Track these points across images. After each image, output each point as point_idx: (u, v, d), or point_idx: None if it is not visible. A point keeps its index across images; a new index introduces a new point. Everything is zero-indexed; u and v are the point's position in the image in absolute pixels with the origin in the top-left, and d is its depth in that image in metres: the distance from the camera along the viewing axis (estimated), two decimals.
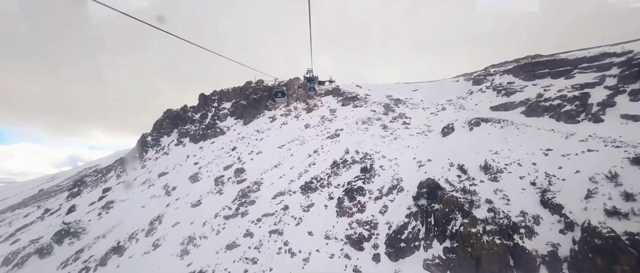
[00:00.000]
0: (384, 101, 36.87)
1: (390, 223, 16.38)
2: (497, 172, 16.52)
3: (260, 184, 23.67)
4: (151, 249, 18.58)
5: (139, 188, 28.87)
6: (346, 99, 39.25)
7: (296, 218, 18.72)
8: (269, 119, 40.04)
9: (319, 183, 21.91)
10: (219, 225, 19.70)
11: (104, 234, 21.10)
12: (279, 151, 29.53)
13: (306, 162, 25.68)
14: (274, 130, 36.18)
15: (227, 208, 21.33)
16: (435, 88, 39.45)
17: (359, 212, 18.24)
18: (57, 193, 45.86)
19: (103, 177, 39.89)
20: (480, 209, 13.83)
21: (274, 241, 17.03)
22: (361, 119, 32.31)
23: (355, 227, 16.96)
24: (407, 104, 35.12)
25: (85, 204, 29.21)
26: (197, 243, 18.35)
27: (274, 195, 21.55)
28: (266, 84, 49.05)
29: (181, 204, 23.34)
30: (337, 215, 18.52)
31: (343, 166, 23.34)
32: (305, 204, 19.99)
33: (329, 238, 16.70)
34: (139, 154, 40.93)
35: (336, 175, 22.41)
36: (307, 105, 39.61)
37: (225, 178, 26.27)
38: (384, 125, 29.83)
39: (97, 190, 32.95)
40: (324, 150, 27.25)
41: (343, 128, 31.17)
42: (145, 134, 44.54)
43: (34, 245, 21.46)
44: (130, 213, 23.28)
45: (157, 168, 34.05)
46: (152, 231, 20.22)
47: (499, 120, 22.80)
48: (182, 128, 44.13)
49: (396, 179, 20.08)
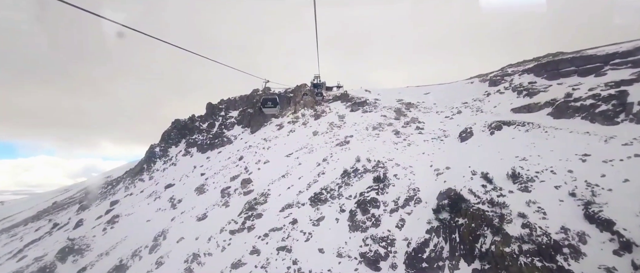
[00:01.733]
0: (394, 105, 35.43)
1: (409, 240, 14.90)
2: (528, 181, 14.84)
3: (267, 196, 22.55)
4: (154, 268, 17.62)
5: (145, 201, 28.26)
6: (355, 104, 38.01)
7: (305, 233, 17.44)
8: (276, 126, 39.15)
9: (329, 195, 20.62)
10: (224, 240, 18.62)
11: (108, 251, 20.36)
12: (286, 160, 28.44)
13: (315, 172, 24.46)
14: (281, 138, 35.20)
15: (233, 222, 20.26)
16: (448, 90, 37.74)
17: (373, 226, 16.82)
18: (70, 206, 46.06)
19: (112, 189, 39.72)
20: (513, 225, 12.22)
21: (282, 259, 15.78)
22: (371, 125, 30.97)
23: (370, 244, 15.54)
24: (420, 108, 33.57)
25: (93, 218, 28.78)
26: (202, 261, 17.29)
27: (282, 207, 20.37)
28: (273, 91, 48.44)
29: (186, 218, 22.44)
30: (349, 229, 17.15)
31: (354, 175, 22.00)
32: (314, 217, 18.72)
33: (341, 257, 15.33)
34: (147, 165, 40.67)
35: (347, 186, 21.08)
36: (314, 111, 38.58)
37: (231, 190, 25.31)
38: (396, 131, 28.39)
39: (106, 203, 32.61)
40: (333, 159, 26.00)
41: (353, 134, 29.89)
42: (153, 145, 44.37)
43: (38, 264, 20.92)
44: (135, 228, 22.54)
45: (165, 179, 33.50)
46: (156, 248, 19.33)
47: (523, 123, 21.05)
48: (190, 138, 43.74)
49: (412, 189, 18.61)
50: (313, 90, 42.41)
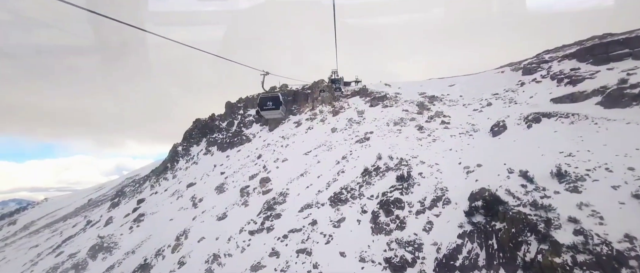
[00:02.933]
0: (416, 99, 33.64)
1: (438, 245, 13.70)
2: (577, 179, 13.06)
3: (286, 195, 22.07)
4: (176, 267, 17.76)
5: (168, 199, 28.94)
6: (374, 99, 36.59)
7: (326, 235, 16.71)
8: (294, 124, 38.69)
9: (349, 194, 19.73)
10: (243, 241, 18.37)
11: (134, 250, 20.91)
12: (305, 158, 27.84)
13: (334, 170, 23.63)
14: (300, 135, 34.67)
15: (252, 222, 19.99)
16: (476, 81, 35.25)
17: (398, 229, 15.74)
18: (102, 203, 48.77)
19: (139, 187, 41.37)
20: (563, 231, 10.69)
21: (302, 262, 15.18)
22: (392, 120, 29.52)
23: (394, 248, 14.52)
24: (444, 101, 31.56)
25: (121, 216, 29.96)
26: (222, 262, 17.14)
27: (301, 207, 19.78)
28: (291, 88, 48.01)
29: (207, 217, 22.55)
30: (372, 232, 16.20)
31: (376, 174, 20.92)
32: (335, 219, 17.92)
33: (364, 261, 14.45)
34: (170, 164, 41.90)
35: (368, 185, 20.06)
36: (333, 107, 37.62)
37: (250, 189, 25.14)
38: (420, 126, 26.80)
39: (133, 201, 33.90)
40: (353, 156, 25.01)
41: (373, 131, 28.67)
42: (176, 144, 45.65)
43: (72, 260, 21.98)
44: (159, 227, 23.03)
45: (187, 178, 34.21)
46: (178, 247, 19.51)
47: (566, 114, 18.83)
48: (210, 137, 44.48)
49: (440, 189, 17.24)
50: (331, 85, 41.44)
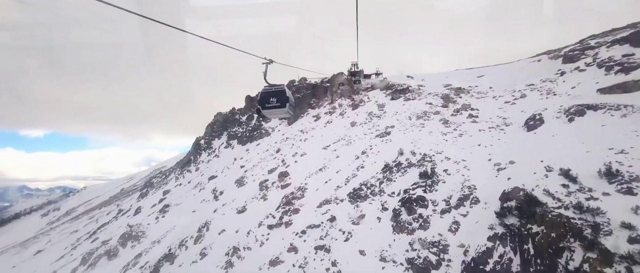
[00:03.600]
0: (441, 91, 31.91)
1: (466, 247, 12.81)
2: (631, 180, 11.56)
3: (305, 190, 21.86)
4: (198, 258, 18.23)
5: (191, 191, 29.90)
6: (396, 91, 35.23)
7: (345, 232, 16.29)
8: (313, 118, 38.36)
9: (369, 191, 19.11)
10: (262, 235, 18.44)
11: (159, 239, 21.80)
12: (323, 152, 27.46)
13: (354, 165, 23.04)
14: (318, 129, 34.29)
15: (271, 216, 20.01)
16: (508, 71, 32.77)
17: (421, 228, 14.97)
18: (133, 193, 51.71)
19: (165, 178, 43.26)
20: (615, 238, 9.45)
21: (321, 259, 14.89)
22: (415, 114, 28.24)
23: (418, 249, 13.80)
24: (472, 93, 29.66)
25: (149, 206, 31.46)
26: (241, 255, 17.32)
27: (320, 203, 19.46)
28: (309, 81, 47.60)
29: (227, 210, 22.96)
30: (393, 230, 15.54)
31: (397, 170, 20.09)
32: (354, 215, 17.44)
33: (385, 261, 13.88)
34: (193, 157, 43.31)
35: (389, 181, 19.31)
36: (352, 101, 36.76)
37: (269, 183, 25.24)
38: (445, 120, 25.38)
39: (159, 193, 35.47)
40: (373, 151, 24.26)
41: (394, 125, 27.62)
42: (198, 137, 47.07)
43: (105, 247, 23.40)
44: (182, 218, 23.83)
45: (209, 171, 35.16)
46: (200, 238, 20.03)
47: (617, 106, 16.79)
48: (231, 130, 45.33)
49: (467, 187, 16.15)
50: (350, 78, 40.47)
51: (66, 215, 63.95)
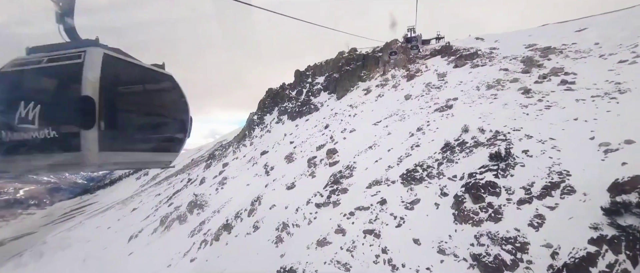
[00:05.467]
0: (521, 53, 26.24)
1: (555, 249, 10.34)
2: None
3: (353, 169, 20.84)
4: (252, 231, 19.24)
5: (245, 165, 31.70)
6: (460, 57, 30.36)
7: (396, 217, 15.00)
8: (363, 91, 36.11)
9: (425, 173, 17.10)
10: (310, 213, 18.37)
11: (219, 209, 23.79)
12: (374, 129, 25.66)
13: (408, 143, 20.93)
14: (369, 104, 32.15)
15: (318, 194, 19.76)
16: (623, 21, 24.90)
17: (490, 219, 12.72)
18: (200, 163, 58.14)
19: (225, 151, 47.07)
20: None
21: (370, 245, 14.04)
22: (485, 83, 23.97)
23: (486, 244, 11.78)
24: (567, 53, 23.56)
25: (211, 177, 34.70)
26: (290, 232, 17.62)
27: (369, 184, 18.31)
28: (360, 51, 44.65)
29: (278, 186, 23.56)
30: (454, 220, 13.62)
31: (460, 150, 17.44)
32: (407, 199, 15.90)
33: (444, 254, 12.30)
34: (248, 132, 45.77)
35: (450, 163, 16.90)
36: (407, 71, 33.16)
37: (317, 160, 24.88)
38: (525, 89, 20.85)
39: (219, 165, 38.77)
40: (430, 128, 21.61)
41: (457, 97, 24.00)
42: (252, 113, 49.27)
43: (177, 212, 26.75)
44: (238, 191, 25.47)
45: (261, 146, 36.67)
46: (253, 212, 21.09)
47: None
48: (281, 106, 46.07)
49: (557, 173, 12.97)
50: (406, 45, 36.35)
51: (152, 179, 76.27)
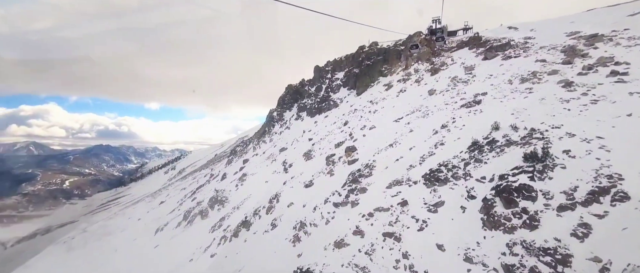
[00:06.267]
0: (562, 42, 23.83)
1: (605, 263, 9.11)
2: None
3: (373, 168, 20.10)
4: (270, 228, 19.24)
5: (264, 162, 31.92)
6: (490, 49, 28.23)
7: (418, 220, 14.16)
8: (384, 86, 34.91)
9: (450, 173, 16.01)
10: (328, 212, 17.96)
11: (238, 206, 24.12)
12: (395, 126, 24.62)
13: (431, 141, 19.80)
14: (390, 99, 30.98)
15: (336, 193, 19.28)
16: None
17: (525, 226, 11.55)
18: (222, 159, 59.83)
19: (245, 148, 47.92)
20: None
21: (390, 249, 13.38)
22: (519, 76, 22.07)
23: (520, 254, 10.71)
24: (617, 41, 21.00)
25: (232, 173, 35.40)
26: (308, 231, 17.36)
27: (389, 183, 17.53)
28: (381, 45, 43.26)
29: (296, 183, 23.40)
30: (483, 225, 12.56)
31: (490, 149, 16.13)
32: (430, 201, 14.97)
33: (471, 262, 11.37)
34: (267, 128, 46.17)
35: (478, 163, 15.66)
36: (431, 65, 31.49)
37: (336, 157, 24.38)
38: (566, 81, 18.87)
39: (240, 161, 39.49)
40: (456, 125, 20.28)
41: (487, 91, 22.33)
42: (272, 110, 49.62)
43: (199, 207, 27.56)
44: (257, 188, 25.69)
45: (280, 142, 36.80)
46: (271, 209, 21.10)
47: None
48: (301, 102, 45.93)
49: (606, 176, 11.50)
50: (430, 38, 34.56)
51: (179, 173, 79.91)
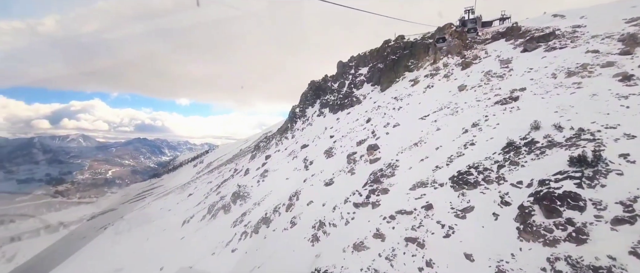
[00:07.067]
0: (620, 30, 21.00)
1: None
2: None
3: (395, 168, 19.23)
4: (289, 226, 19.20)
5: (286, 159, 32.04)
6: (531, 39, 25.70)
7: (444, 226, 13.21)
8: (409, 82, 33.37)
9: (481, 176, 14.75)
10: (348, 213, 17.50)
11: (259, 202, 24.43)
12: (420, 123, 23.37)
13: (460, 141, 18.47)
14: (416, 96, 29.51)
15: (357, 193, 18.72)
16: None
17: (570, 240, 10.24)
18: (246, 154, 61.40)
19: (268, 144, 48.64)
20: None
21: (412, 255, 12.62)
22: (565, 69, 19.84)
23: (564, 271, 9.50)
24: None
25: (254, 168, 36.05)
26: (327, 231, 17.05)
27: (413, 185, 16.62)
28: (408, 39, 41.44)
29: (316, 181, 23.14)
30: (519, 235, 11.36)
31: (528, 151, 14.64)
32: (458, 206, 13.91)
33: None
34: (290, 124, 46.40)
35: (514, 166, 14.26)
36: (462, 58, 29.45)
37: (357, 156, 23.72)
38: (625, 75, 16.57)
39: (263, 157, 40.11)
40: (489, 123, 18.75)
41: (525, 86, 20.38)
42: (294, 106, 49.77)
43: (222, 201, 28.37)
44: (277, 185, 25.83)
45: (302, 139, 36.76)
46: (291, 207, 21.06)
47: None
48: (323, 98, 45.53)
49: None
50: (461, 29, 32.36)
51: (206, 167, 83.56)
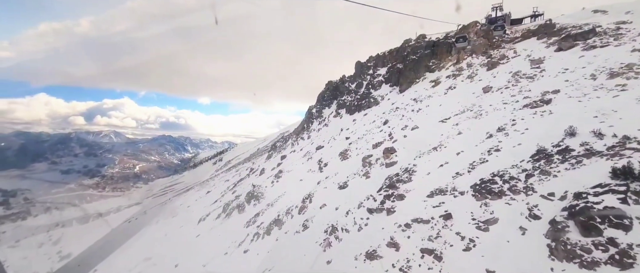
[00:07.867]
0: None
1: None
2: None
3: (413, 173, 18.39)
4: (301, 229, 18.93)
5: (300, 160, 31.87)
6: (567, 38, 23.71)
7: (464, 238, 12.32)
8: (430, 83, 32.08)
9: (507, 186, 13.67)
10: (361, 218, 16.92)
11: (272, 203, 24.38)
12: (440, 127, 22.28)
13: (483, 146, 17.34)
14: (436, 97, 28.26)
15: (371, 198, 18.09)
16: None
17: (614, 263, 9.10)
18: (263, 154, 62.14)
19: (284, 144, 48.84)
20: None
21: (428, 268, 11.87)
22: (607, 69, 18.07)
23: None
24: None
25: (270, 169, 36.24)
26: (339, 236, 16.58)
27: (431, 192, 15.76)
28: (430, 38, 39.99)
29: (330, 184, 22.72)
30: (550, 254, 10.30)
31: (562, 159, 13.40)
32: (480, 217, 12.94)
33: None
34: (306, 125, 46.29)
35: (545, 176, 13.08)
36: (488, 58, 27.82)
37: (373, 159, 23.03)
38: None
39: (278, 157, 40.27)
40: (517, 128, 17.45)
41: (559, 88, 18.77)
42: (311, 106, 49.63)
43: (237, 201, 28.69)
44: (291, 186, 25.67)
45: (318, 140, 36.47)
46: (303, 209, 20.80)
47: None
48: (340, 99, 45.02)
49: None
50: (488, 28, 30.65)
51: (225, 165, 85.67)
